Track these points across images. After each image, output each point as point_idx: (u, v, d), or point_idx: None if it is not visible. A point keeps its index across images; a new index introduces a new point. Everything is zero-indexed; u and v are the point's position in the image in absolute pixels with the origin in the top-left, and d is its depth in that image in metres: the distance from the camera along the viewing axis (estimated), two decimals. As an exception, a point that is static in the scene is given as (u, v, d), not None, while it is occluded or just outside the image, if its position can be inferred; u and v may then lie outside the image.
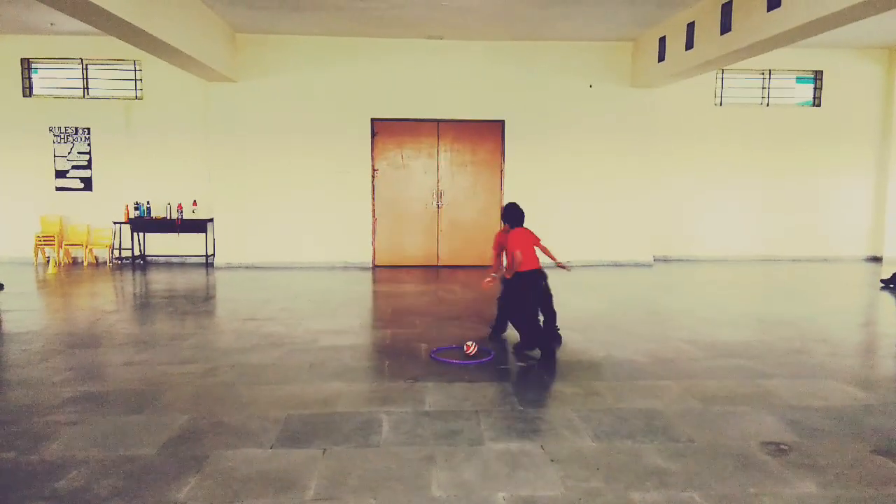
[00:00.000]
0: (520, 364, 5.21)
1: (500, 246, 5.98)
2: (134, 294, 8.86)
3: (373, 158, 11.18)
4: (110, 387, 4.54)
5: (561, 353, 5.51)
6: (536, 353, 5.40)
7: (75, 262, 11.58)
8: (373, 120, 11.09)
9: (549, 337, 5.62)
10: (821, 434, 3.73)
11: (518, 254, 5.37)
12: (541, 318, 5.75)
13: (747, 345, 5.85)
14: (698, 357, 5.44)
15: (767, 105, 12.29)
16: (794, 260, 12.43)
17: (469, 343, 5.41)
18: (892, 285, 9.14)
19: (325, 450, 3.46)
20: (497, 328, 6.13)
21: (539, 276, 5.63)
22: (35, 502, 2.87)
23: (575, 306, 7.72)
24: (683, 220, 12.26)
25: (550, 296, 5.95)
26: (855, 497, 2.97)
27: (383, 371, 5.00)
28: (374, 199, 11.28)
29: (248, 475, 3.15)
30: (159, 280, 9.78)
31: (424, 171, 11.28)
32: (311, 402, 4.21)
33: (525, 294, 5.45)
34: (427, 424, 3.85)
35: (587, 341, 5.98)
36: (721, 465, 3.30)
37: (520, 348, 5.53)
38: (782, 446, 3.54)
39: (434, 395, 4.40)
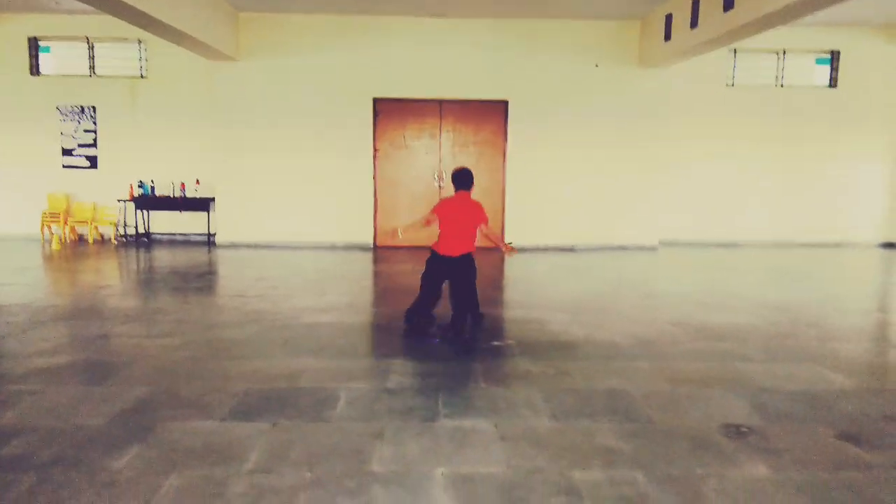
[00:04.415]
0: (495, 343, 5.13)
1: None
2: (131, 270, 8.94)
3: (375, 139, 11.12)
4: (80, 358, 4.57)
5: (540, 334, 5.42)
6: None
7: (81, 239, 11.72)
8: (375, 100, 11.00)
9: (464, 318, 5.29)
10: (786, 418, 3.62)
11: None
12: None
13: (735, 328, 5.71)
14: (681, 339, 5.32)
15: (781, 86, 11.96)
16: (806, 245, 12.14)
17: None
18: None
19: (274, 423, 3.43)
20: (416, 309, 5.49)
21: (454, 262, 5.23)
22: (-26, 468, 2.89)
23: (568, 288, 7.62)
24: (692, 203, 12.02)
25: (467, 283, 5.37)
26: (805, 480, 2.87)
27: (357, 349, 4.96)
28: (375, 179, 11.22)
29: (191, 447, 3.14)
30: (159, 257, 9.86)
31: (426, 151, 11.19)
32: (275, 377, 4.19)
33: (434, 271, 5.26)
34: (385, 401, 3.80)
35: (572, 323, 5.88)
36: (674, 446, 3.22)
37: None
38: (743, 429, 3.44)
39: (400, 372, 4.35)
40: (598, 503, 2.65)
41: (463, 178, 5.28)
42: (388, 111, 11.10)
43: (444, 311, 5.56)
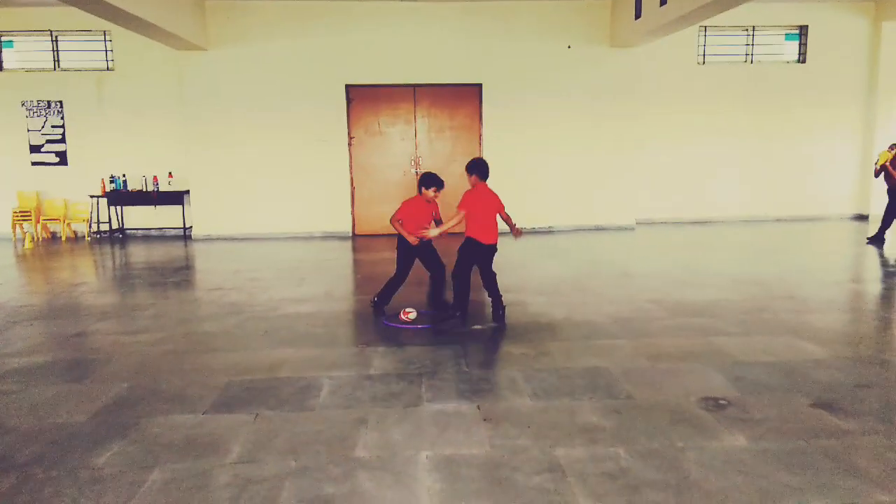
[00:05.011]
0: (476, 327, 5.15)
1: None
2: (106, 267, 8.81)
3: (349, 126, 11.03)
4: (58, 356, 4.51)
5: (520, 315, 5.46)
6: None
7: (54, 237, 11.52)
8: (347, 86, 10.90)
9: (466, 302, 5.35)
10: (763, 389, 3.69)
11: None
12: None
13: (712, 304, 5.79)
14: (659, 316, 5.38)
15: (751, 62, 12.06)
16: (779, 220, 12.32)
17: (407, 309, 5.33)
18: (877, 241, 9.11)
19: (256, 414, 3.42)
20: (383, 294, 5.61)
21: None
22: (-49, 471, 2.84)
23: (546, 270, 7.66)
24: (667, 182, 12.11)
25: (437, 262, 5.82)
26: (783, 449, 2.94)
27: (337, 337, 4.95)
28: (351, 167, 11.15)
29: (173, 440, 3.12)
30: (134, 253, 9.73)
31: (402, 137, 11.13)
32: (256, 369, 4.18)
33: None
34: (367, 388, 3.81)
35: (550, 304, 5.92)
36: (655, 421, 3.27)
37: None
38: (721, 401, 3.50)
39: (382, 359, 4.36)
40: (582, 480, 2.69)
41: (486, 169, 5.39)
42: (361, 98, 11.01)
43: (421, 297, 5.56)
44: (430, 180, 5.51)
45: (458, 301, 5.28)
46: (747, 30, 11.94)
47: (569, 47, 11.06)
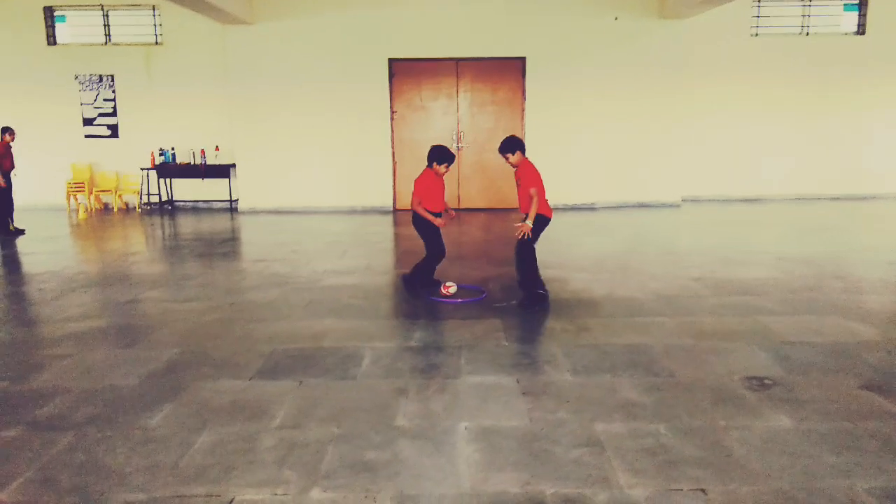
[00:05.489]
0: (514, 303, 5.15)
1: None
2: (155, 238, 9.06)
3: (391, 100, 11.03)
4: (111, 322, 4.68)
5: (561, 292, 5.43)
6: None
7: (106, 208, 11.88)
8: (390, 60, 10.89)
9: (536, 282, 5.15)
10: (810, 369, 3.61)
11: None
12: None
13: (759, 282, 5.66)
14: (703, 294, 5.29)
15: (807, 34, 11.61)
16: (834, 198, 11.92)
17: (448, 283, 5.35)
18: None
19: (300, 382, 3.51)
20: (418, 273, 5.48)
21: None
22: (15, 427, 2.99)
23: (589, 247, 7.59)
24: (716, 158, 11.82)
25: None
26: (828, 430, 2.88)
27: (379, 309, 5.02)
28: (393, 142, 11.17)
29: (221, 405, 3.22)
30: (183, 224, 9.98)
31: (444, 112, 11.09)
32: (300, 338, 4.27)
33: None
34: (408, 359, 3.86)
35: (592, 280, 5.88)
36: (696, 399, 3.23)
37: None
38: (766, 381, 3.44)
39: (423, 331, 4.41)
40: (621, 454, 2.69)
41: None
42: (403, 72, 10.99)
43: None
44: (444, 155, 5.32)
45: (536, 279, 5.09)
46: (804, 1, 11.47)
47: (616, 19, 10.81)
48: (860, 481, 2.47)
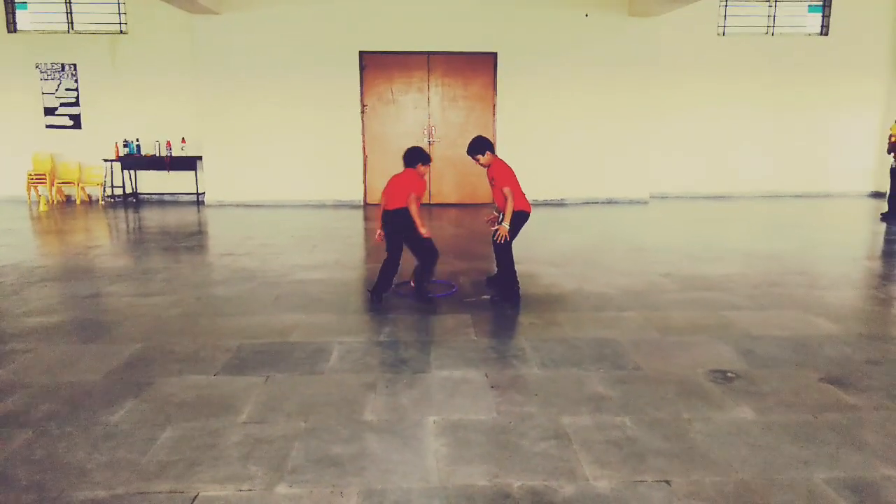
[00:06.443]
0: (485, 297, 5.16)
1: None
2: (119, 231, 8.88)
3: (362, 94, 10.95)
4: (73, 317, 4.57)
5: (531, 287, 5.46)
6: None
7: (68, 200, 11.60)
8: (361, 53, 10.80)
9: (513, 280, 5.11)
10: (773, 363, 3.68)
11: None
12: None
13: (724, 278, 5.76)
14: (670, 290, 5.37)
15: (772, 35, 11.82)
16: (796, 196, 12.18)
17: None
18: (891, 217, 9.03)
19: (267, 377, 3.46)
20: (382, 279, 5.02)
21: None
22: (-30, 424, 2.91)
23: (558, 242, 7.64)
24: (682, 156, 11.98)
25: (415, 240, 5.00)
26: (789, 422, 2.94)
27: (348, 304, 4.98)
28: (364, 135, 11.10)
29: (186, 400, 3.17)
30: (148, 217, 9.79)
31: (415, 106, 11.05)
32: (267, 333, 4.22)
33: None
34: (377, 354, 3.84)
35: (562, 275, 5.91)
36: (661, 392, 3.28)
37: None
38: (729, 374, 3.50)
39: (392, 326, 4.39)
40: (587, 447, 2.71)
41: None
42: (374, 65, 10.91)
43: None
44: (424, 156, 5.00)
45: (512, 275, 5.05)
46: (769, 1, 11.67)
47: (586, 15, 10.87)
48: (819, 472, 2.53)
